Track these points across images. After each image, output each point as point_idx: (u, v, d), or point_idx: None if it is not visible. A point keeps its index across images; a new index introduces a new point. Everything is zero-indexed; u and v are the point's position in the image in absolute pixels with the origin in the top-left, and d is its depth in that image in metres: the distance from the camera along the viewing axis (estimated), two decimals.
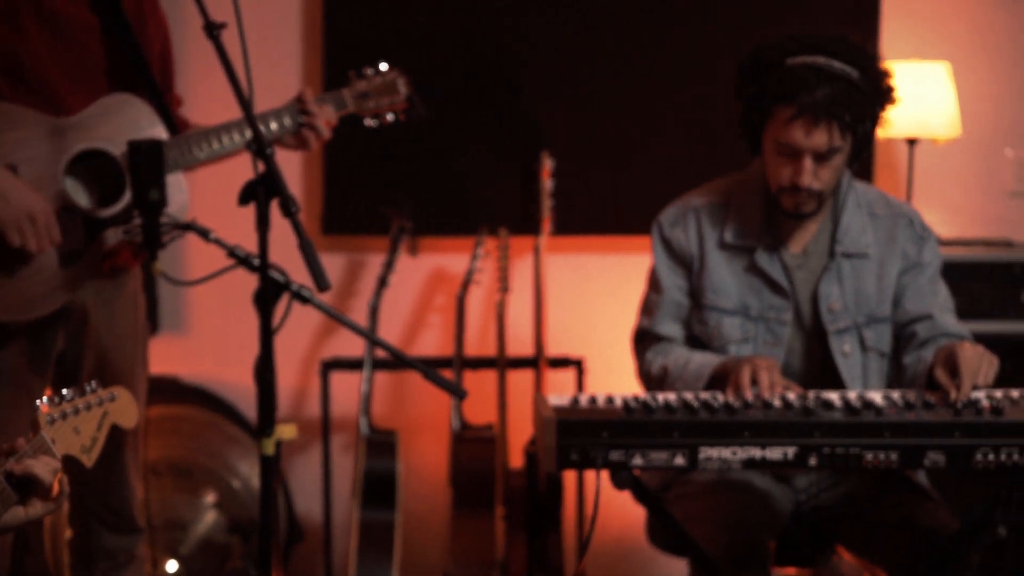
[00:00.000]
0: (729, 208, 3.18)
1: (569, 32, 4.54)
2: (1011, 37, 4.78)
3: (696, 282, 3.18)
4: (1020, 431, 2.62)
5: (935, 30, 4.74)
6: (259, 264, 2.50)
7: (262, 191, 2.48)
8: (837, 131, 2.97)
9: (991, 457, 2.62)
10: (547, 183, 4.40)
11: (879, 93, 3.03)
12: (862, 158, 3.14)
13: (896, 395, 2.82)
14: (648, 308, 3.25)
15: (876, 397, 2.78)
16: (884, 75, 3.04)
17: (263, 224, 2.48)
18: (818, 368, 3.14)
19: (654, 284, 3.25)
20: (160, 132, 2.99)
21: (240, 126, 3.02)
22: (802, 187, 3.00)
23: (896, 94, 3.06)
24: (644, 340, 3.26)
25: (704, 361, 3.04)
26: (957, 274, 4.24)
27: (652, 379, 3.16)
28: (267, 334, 2.48)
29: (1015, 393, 2.82)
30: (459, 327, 4.38)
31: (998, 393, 2.82)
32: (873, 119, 3.03)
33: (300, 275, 2.54)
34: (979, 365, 2.80)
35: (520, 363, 4.42)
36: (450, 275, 4.66)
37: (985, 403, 2.71)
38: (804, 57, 2.97)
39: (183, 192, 2.99)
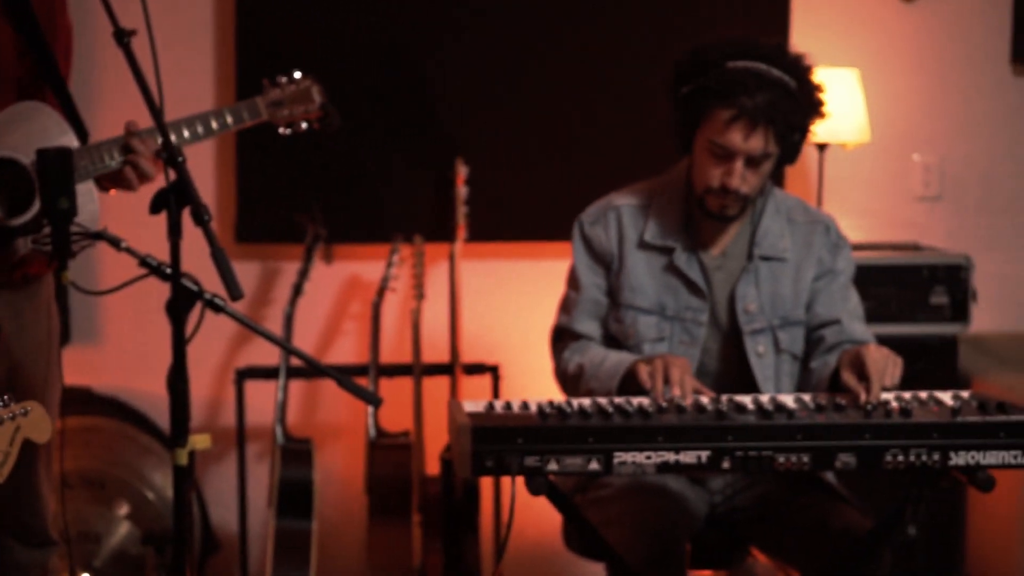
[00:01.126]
0: (650, 209, 3.20)
1: (483, 39, 4.55)
2: (918, 44, 4.86)
3: (615, 281, 3.20)
4: (928, 432, 2.65)
5: (844, 37, 4.80)
6: (171, 273, 2.48)
7: (173, 199, 2.46)
8: (772, 137, 3.00)
9: (900, 458, 2.65)
10: (461, 190, 4.40)
11: (812, 104, 3.06)
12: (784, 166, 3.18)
13: (807, 398, 2.85)
14: (567, 306, 3.27)
15: (788, 400, 2.82)
16: (817, 88, 3.08)
17: (175, 233, 2.46)
18: (732, 368, 3.17)
19: (573, 282, 3.26)
20: (71, 140, 2.95)
21: (153, 134, 2.99)
22: (731, 189, 3.03)
23: (825, 107, 3.10)
24: (562, 338, 3.27)
25: (619, 359, 3.06)
26: (867, 277, 4.29)
27: (568, 377, 3.17)
28: (179, 343, 2.46)
29: (923, 394, 2.86)
30: (374, 334, 4.37)
31: (907, 395, 2.86)
32: (803, 130, 3.07)
33: (213, 284, 2.52)
34: (885, 366, 2.84)
35: (436, 370, 4.42)
36: (365, 282, 4.65)
37: (894, 405, 2.75)
38: (745, 61, 2.99)
39: (94, 201, 2.96)
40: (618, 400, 2.80)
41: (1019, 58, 4.86)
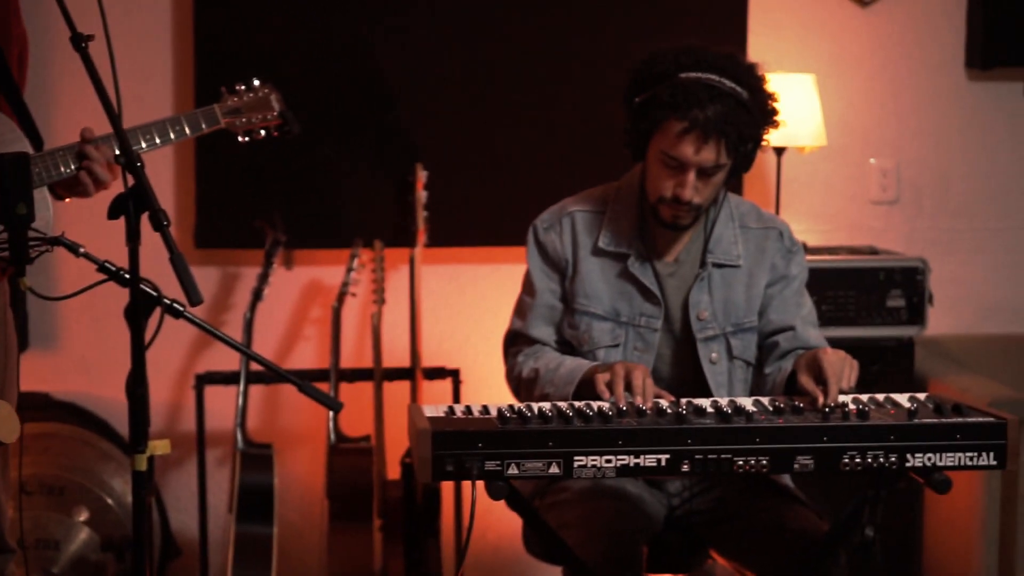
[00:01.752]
0: (605, 215, 3.21)
1: (442, 45, 4.56)
2: (873, 49, 4.89)
3: (569, 286, 3.20)
4: (885, 434, 2.67)
5: (800, 42, 4.83)
6: (130, 278, 2.48)
7: (131, 205, 2.45)
8: (724, 148, 3.00)
9: (858, 460, 2.67)
10: (421, 195, 4.41)
11: (764, 114, 3.07)
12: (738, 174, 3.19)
13: (766, 401, 2.87)
14: (521, 311, 3.27)
15: (747, 403, 2.83)
16: (770, 97, 3.09)
17: (133, 238, 2.46)
18: (686, 375, 3.18)
19: (528, 287, 3.27)
20: (25, 146, 2.94)
21: (109, 140, 2.98)
22: (683, 200, 3.03)
23: (779, 117, 3.11)
24: (516, 342, 3.28)
25: (576, 365, 3.07)
26: (824, 281, 4.33)
27: (522, 381, 3.17)
28: (138, 349, 2.45)
29: (880, 397, 2.88)
30: (335, 339, 4.37)
31: (864, 397, 2.88)
32: (757, 140, 3.08)
33: (173, 289, 2.52)
34: (842, 369, 2.86)
35: (396, 374, 4.42)
36: (326, 287, 4.65)
37: (851, 407, 2.77)
38: (697, 72, 3.00)
39: (48, 207, 2.94)
40: (578, 404, 2.81)
41: (974, 63, 4.90)
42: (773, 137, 3.18)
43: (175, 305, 2.58)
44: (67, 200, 2.98)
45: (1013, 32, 4.86)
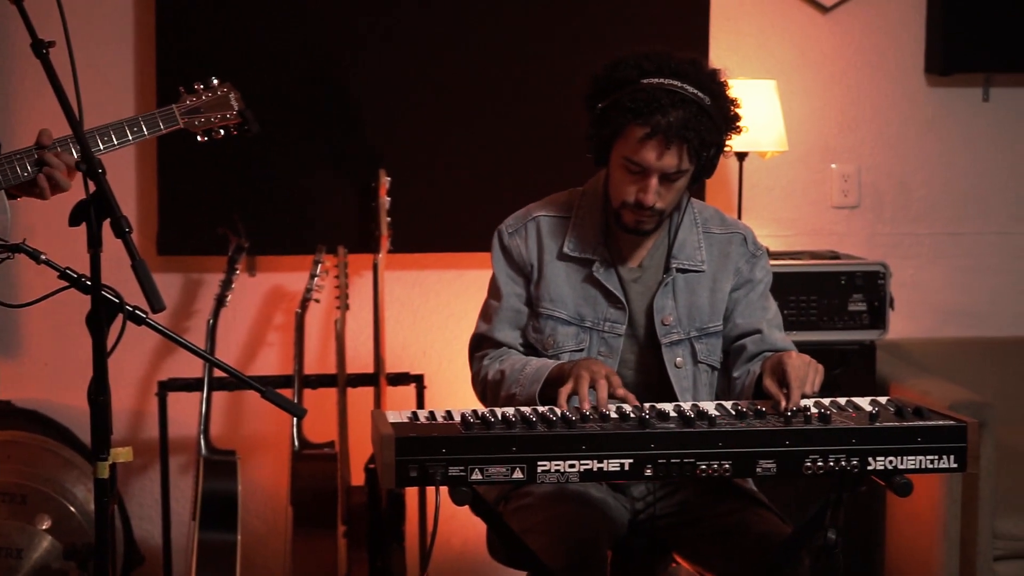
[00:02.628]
0: (570, 220, 3.22)
1: (405, 50, 4.56)
2: (834, 55, 4.92)
3: (534, 291, 3.21)
4: (847, 438, 2.69)
5: (761, 48, 4.86)
6: (91, 285, 2.47)
7: (93, 211, 2.44)
8: (686, 154, 3.01)
9: (820, 463, 2.68)
10: (384, 201, 4.40)
11: (726, 120, 3.08)
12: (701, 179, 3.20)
13: (729, 405, 2.88)
14: (487, 314, 3.28)
15: (709, 407, 2.84)
16: (732, 103, 3.10)
17: (95, 244, 2.45)
18: (651, 379, 3.19)
19: (493, 291, 3.27)
20: None
21: (68, 144, 2.96)
22: (646, 205, 3.04)
23: (741, 123, 3.13)
24: (481, 346, 3.28)
25: (542, 364, 3.08)
26: (786, 285, 4.35)
27: (488, 384, 3.17)
28: (100, 356, 2.45)
29: (842, 400, 2.90)
30: (298, 345, 4.36)
31: (826, 401, 2.90)
32: (719, 146, 3.09)
33: (135, 296, 2.51)
34: (806, 373, 2.87)
35: (360, 380, 4.41)
36: (289, 294, 4.64)
37: (813, 411, 2.78)
38: (660, 79, 3.01)
39: (5, 211, 2.93)
40: (542, 409, 2.82)
41: (934, 68, 4.94)
42: (735, 142, 3.19)
43: (137, 312, 2.57)
44: (19, 199, 2.95)
45: (972, 38, 4.90)
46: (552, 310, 3.19)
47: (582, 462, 2.63)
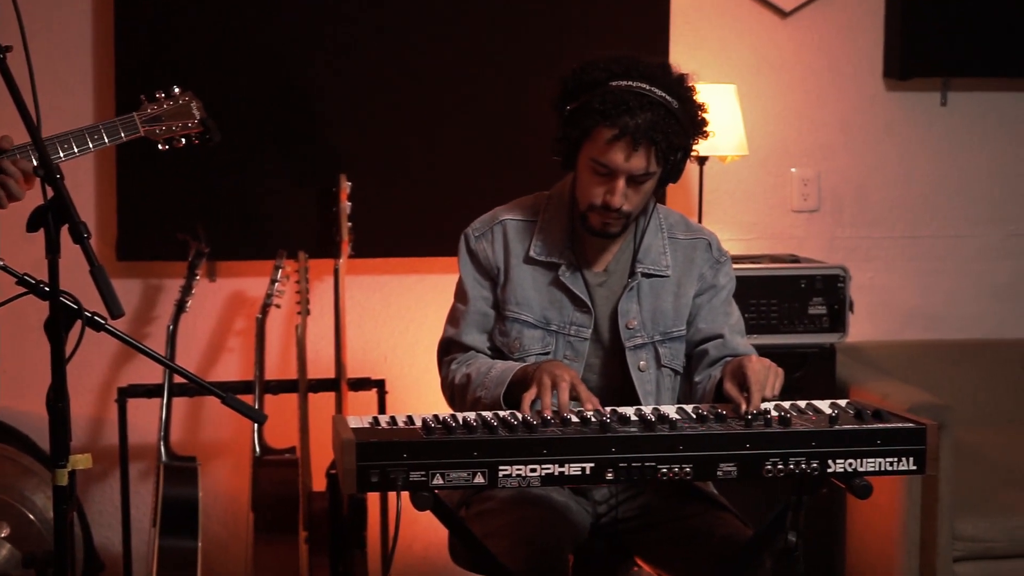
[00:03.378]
0: (536, 224, 3.23)
1: (366, 55, 4.55)
2: (793, 59, 4.95)
3: (500, 294, 3.22)
4: (807, 440, 2.70)
5: (721, 53, 4.88)
6: (50, 291, 2.46)
7: (51, 217, 2.43)
8: (654, 157, 3.02)
9: (780, 466, 2.70)
10: (345, 206, 4.39)
11: (694, 124, 3.10)
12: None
13: (689, 408, 2.89)
14: (454, 318, 3.28)
15: (670, 411, 2.85)
16: (699, 108, 3.12)
17: (53, 250, 2.44)
18: (615, 383, 3.20)
19: (460, 295, 3.28)
20: None
21: (27, 151, 2.95)
22: (613, 208, 3.06)
23: (708, 127, 3.14)
24: (449, 350, 3.28)
25: (507, 366, 3.08)
26: (746, 289, 4.35)
27: (455, 388, 3.18)
28: (59, 362, 2.44)
29: (802, 403, 2.91)
30: (259, 351, 4.35)
31: (786, 404, 2.91)
32: (686, 149, 3.10)
33: (94, 302, 2.50)
34: (766, 377, 2.89)
35: (321, 386, 4.40)
36: (250, 299, 4.63)
37: (774, 414, 2.80)
38: (629, 81, 3.02)
39: None
40: (503, 414, 2.82)
41: (892, 73, 4.97)
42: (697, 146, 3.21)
43: (96, 318, 2.56)
44: None
45: (930, 42, 4.93)
46: (518, 313, 3.19)
47: (543, 466, 2.63)
